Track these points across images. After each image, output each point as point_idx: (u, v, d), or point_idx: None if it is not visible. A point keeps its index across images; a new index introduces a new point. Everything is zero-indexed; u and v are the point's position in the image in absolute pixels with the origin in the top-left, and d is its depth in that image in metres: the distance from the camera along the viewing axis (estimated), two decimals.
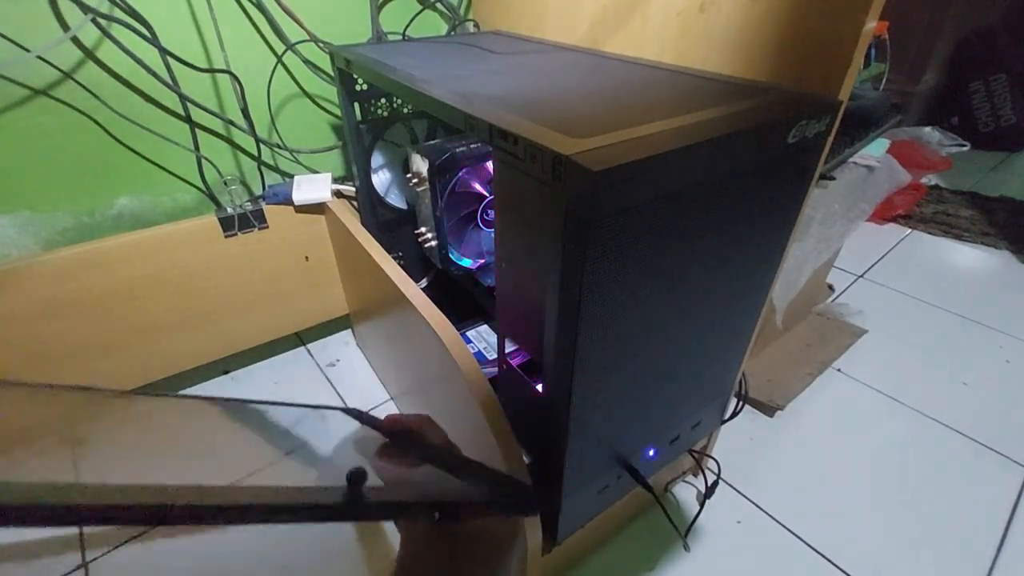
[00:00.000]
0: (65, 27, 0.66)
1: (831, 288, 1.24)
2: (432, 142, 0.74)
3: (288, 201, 0.84)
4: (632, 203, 0.34)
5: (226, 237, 0.82)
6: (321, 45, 0.84)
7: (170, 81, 0.74)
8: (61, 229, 0.77)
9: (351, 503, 0.18)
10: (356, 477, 0.19)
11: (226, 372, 0.99)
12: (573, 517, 0.54)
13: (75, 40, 0.68)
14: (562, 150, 0.33)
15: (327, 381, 0.98)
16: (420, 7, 0.93)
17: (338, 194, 0.88)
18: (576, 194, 0.33)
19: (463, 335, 0.80)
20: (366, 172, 0.83)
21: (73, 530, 0.72)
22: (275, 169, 0.93)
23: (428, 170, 0.67)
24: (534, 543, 0.53)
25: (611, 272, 0.36)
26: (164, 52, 0.72)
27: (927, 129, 1.42)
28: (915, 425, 0.90)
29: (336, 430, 0.24)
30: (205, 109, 0.79)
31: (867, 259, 1.37)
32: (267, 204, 0.84)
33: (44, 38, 0.66)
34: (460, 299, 0.81)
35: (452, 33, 0.97)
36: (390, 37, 0.91)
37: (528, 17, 0.81)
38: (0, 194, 0.71)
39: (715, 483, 0.75)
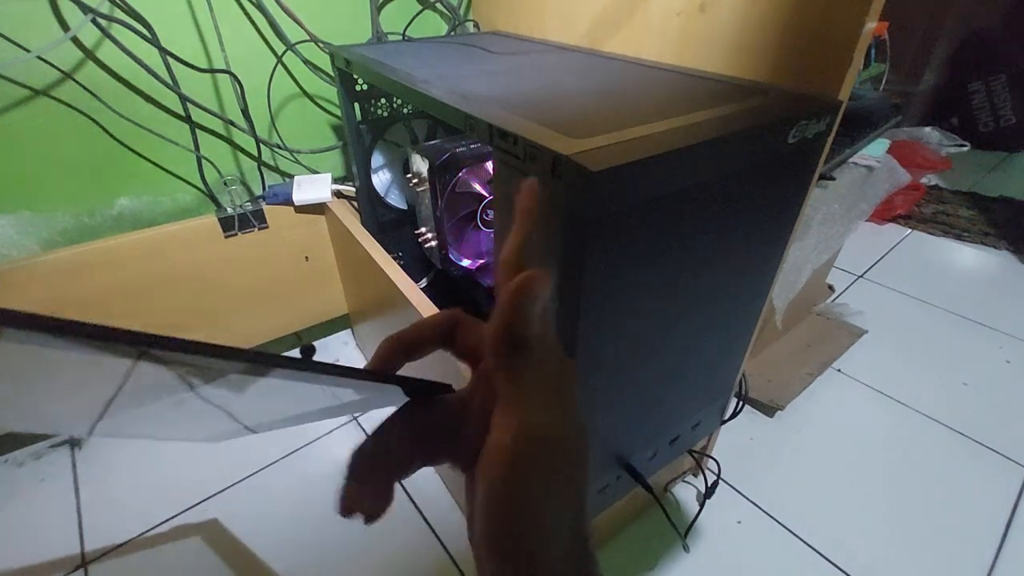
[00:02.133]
0: (65, 27, 0.66)
1: (831, 288, 1.24)
2: (432, 142, 0.74)
3: (288, 201, 0.84)
4: (631, 203, 0.34)
5: (226, 237, 0.82)
6: (321, 45, 0.84)
7: (170, 81, 0.74)
8: (61, 229, 0.77)
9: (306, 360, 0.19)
10: (307, 350, 0.20)
11: None
12: None
13: (75, 40, 0.68)
14: (561, 150, 0.33)
15: None
16: (420, 7, 0.93)
17: (338, 194, 0.88)
18: (575, 194, 0.33)
19: None
20: (366, 172, 0.83)
21: (73, 525, 0.72)
22: (275, 169, 0.93)
23: (428, 170, 0.67)
24: None
25: (610, 272, 0.36)
26: (164, 52, 0.72)
27: (927, 129, 1.42)
28: (915, 425, 0.90)
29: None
30: (205, 109, 0.79)
31: (867, 259, 1.37)
32: (267, 204, 0.84)
33: (44, 38, 0.66)
34: (460, 299, 0.81)
35: (452, 33, 0.97)
36: (390, 37, 0.91)
37: (528, 17, 0.81)
38: (0, 194, 0.71)
39: (715, 483, 0.75)
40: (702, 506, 0.75)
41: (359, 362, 1.02)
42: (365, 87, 0.77)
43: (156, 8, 0.70)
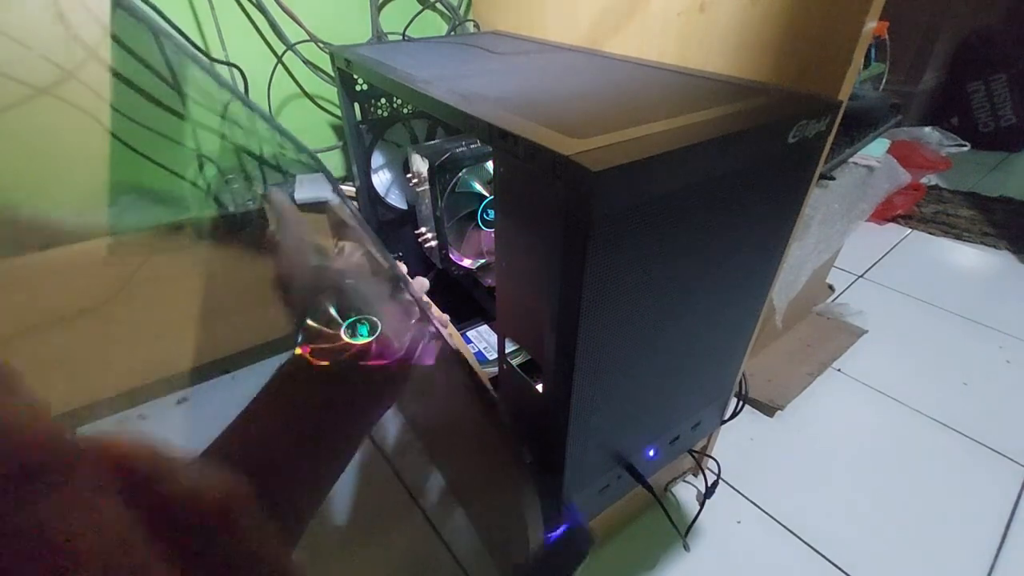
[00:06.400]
0: (65, 27, 0.66)
1: (831, 288, 1.24)
2: (432, 142, 0.74)
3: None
4: (632, 203, 0.34)
5: (226, 237, 0.82)
6: (321, 45, 0.84)
7: (171, 80, 0.74)
8: (61, 229, 0.77)
9: None
10: None
11: (226, 372, 0.99)
12: None
13: (75, 39, 0.68)
14: (562, 150, 0.33)
15: None
16: (420, 7, 0.93)
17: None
18: (576, 194, 0.33)
19: (463, 335, 0.80)
20: (366, 172, 0.83)
21: None
22: (276, 168, 0.93)
23: (428, 170, 0.67)
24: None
25: (611, 272, 0.36)
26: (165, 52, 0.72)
27: (927, 129, 1.42)
28: (915, 425, 0.90)
29: None
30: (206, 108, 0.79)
31: (867, 259, 1.37)
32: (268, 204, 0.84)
33: (44, 38, 0.66)
34: (460, 299, 0.81)
35: (452, 33, 0.97)
36: (390, 37, 0.91)
37: (528, 17, 0.81)
38: (0, 194, 0.71)
39: (715, 483, 0.75)
40: (702, 506, 0.75)
41: None
42: (365, 87, 0.77)
43: (156, 8, 0.70)
